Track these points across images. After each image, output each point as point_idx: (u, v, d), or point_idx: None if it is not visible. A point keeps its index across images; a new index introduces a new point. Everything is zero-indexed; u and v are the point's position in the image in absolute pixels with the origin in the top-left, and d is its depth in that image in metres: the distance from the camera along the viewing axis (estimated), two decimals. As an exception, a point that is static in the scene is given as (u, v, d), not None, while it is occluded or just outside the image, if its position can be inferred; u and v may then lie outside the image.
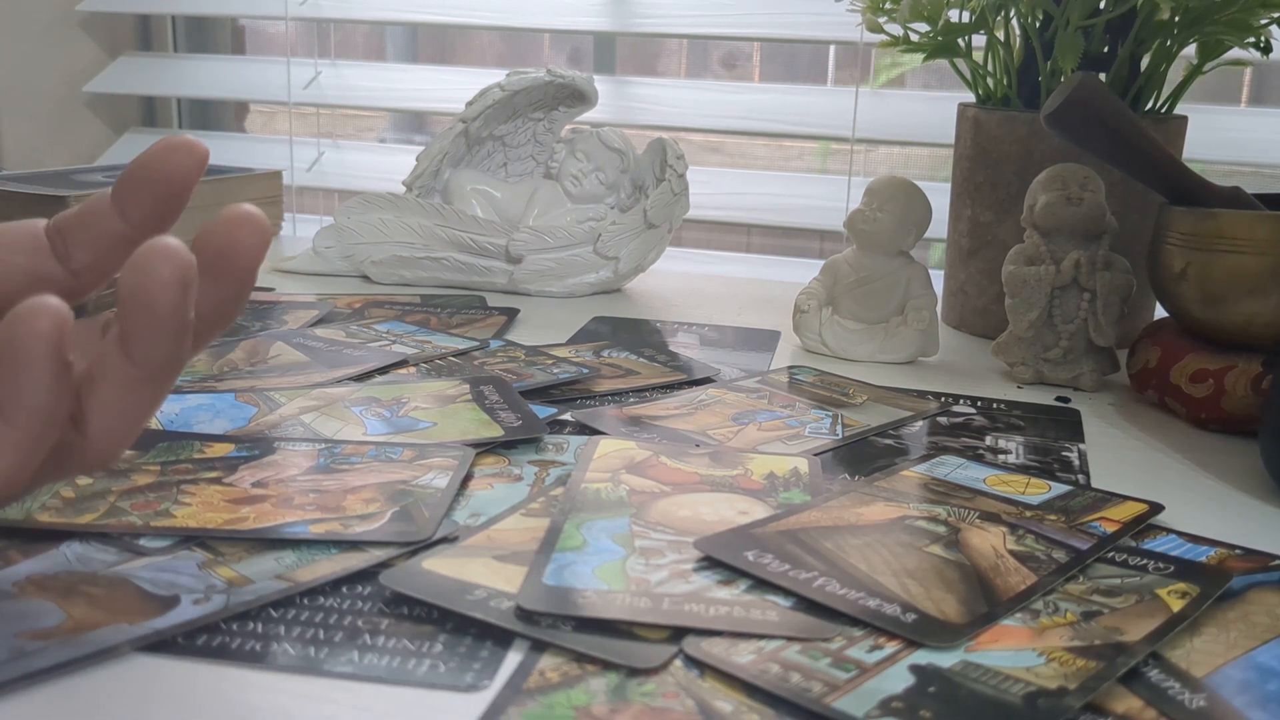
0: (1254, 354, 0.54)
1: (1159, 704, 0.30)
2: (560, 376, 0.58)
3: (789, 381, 0.60)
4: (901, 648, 0.32)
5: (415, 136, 1.51)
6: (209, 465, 0.43)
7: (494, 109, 0.80)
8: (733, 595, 0.35)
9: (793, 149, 1.34)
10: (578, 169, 0.81)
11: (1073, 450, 0.51)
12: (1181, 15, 0.65)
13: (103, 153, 1.26)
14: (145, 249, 0.27)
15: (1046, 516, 0.42)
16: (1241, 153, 0.94)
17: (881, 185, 0.65)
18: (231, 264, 0.29)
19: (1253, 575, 0.38)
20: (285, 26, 1.20)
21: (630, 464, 0.45)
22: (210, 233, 0.29)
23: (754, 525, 0.39)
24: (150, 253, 0.27)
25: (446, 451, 0.46)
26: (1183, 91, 0.70)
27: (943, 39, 0.71)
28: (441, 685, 0.30)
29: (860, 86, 1.02)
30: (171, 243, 0.27)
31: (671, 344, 0.67)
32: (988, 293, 0.72)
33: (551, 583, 0.35)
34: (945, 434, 0.53)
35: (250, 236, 0.29)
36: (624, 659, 0.31)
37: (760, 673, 0.31)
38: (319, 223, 1.16)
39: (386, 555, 0.37)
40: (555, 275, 0.78)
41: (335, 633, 0.33)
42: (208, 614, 0.33)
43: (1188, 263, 0.55)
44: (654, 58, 1.43)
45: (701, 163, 1.19)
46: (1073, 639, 0.33)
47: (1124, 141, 0.56)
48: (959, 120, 0.73)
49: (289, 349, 0.60)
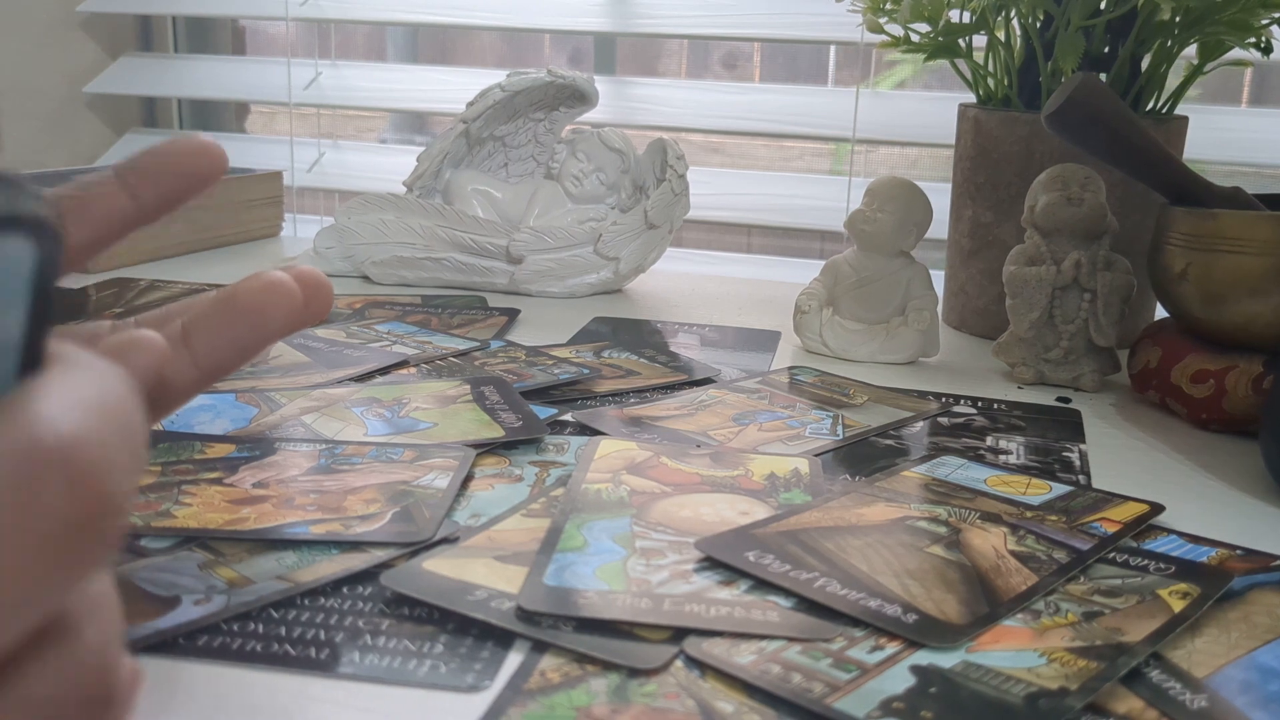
0: (1255, 354, 0.54)
1: (1160, 704, 0.30)
2: (561, 377, 0.58)
3: (789, 382, 0.60)
4: (902, 648, 0.32)
5: (416, 137, 1.51)
6: (210, 466, 0.43)
7: (495, 109, 0.80)
8: (733, 596, 0.35)
9: (793, 149, 1.34)
10: (578, 169, 0.81)
11: (1073, 451, 0.51)
12: (1182, 15, 0.65)
13: (103, 153, 1.26)
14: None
15: (1047, 517, 0.42)
16: (1241, 153, 0.94)
17: (881, 185, 0.65)
18: (258, 327, 0.30)
19: (1254, 576, 0.38)
20: (285, 27, 1.20)
21: (631, 464, 0.45)
22: (244, 291, 0.29)
23: (755, 526, 0.39)
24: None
25: (447, 452, 0.46)
26: (1183, 92, 0.70)
27: (943, 39, 0.71)
28: (442, 686, 0.30)
29: (861, 87, 1.02)
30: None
31: (672, 344, 0.67)
32: (988, 293, 0.72)
33: (552, 583, 0.35)
34: (946, 434, 0.53)
35: (280, 301, 0.29)
36: (625, 659, 0.31)
37: (761, 673, 0.31)
38: (319, 223, 1.16)
39: (387, 556, 0.37)
40: (556, 275, 0.78)
41: (336, 633, 0.33)
42: (208, 614, 0.33)
43: (1188, 263, 0.55)
44: (654, 58, 1.43)
45: (702, 163, 1.19)
46: (1074, 639, 0.33)
47: (1124, 141, 0.56)
48: (959, 120, 0.73)
49: (290, 349, 0.60)
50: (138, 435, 0.16)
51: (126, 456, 0.16)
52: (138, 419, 0.17)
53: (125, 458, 0.16)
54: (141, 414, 0.17)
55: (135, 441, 0.16)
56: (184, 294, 0.75)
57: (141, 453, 0.16)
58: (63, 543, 0.15)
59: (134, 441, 0.16)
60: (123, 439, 0.16)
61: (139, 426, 0.17)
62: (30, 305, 0.15)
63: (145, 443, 0.17)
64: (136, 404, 0.17)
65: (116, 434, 0.16)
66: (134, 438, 0.16)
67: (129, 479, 0.16)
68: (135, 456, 0.16)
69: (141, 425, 0.17)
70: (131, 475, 0.16)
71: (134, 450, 0.16)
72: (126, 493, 0.16)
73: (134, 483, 0.16)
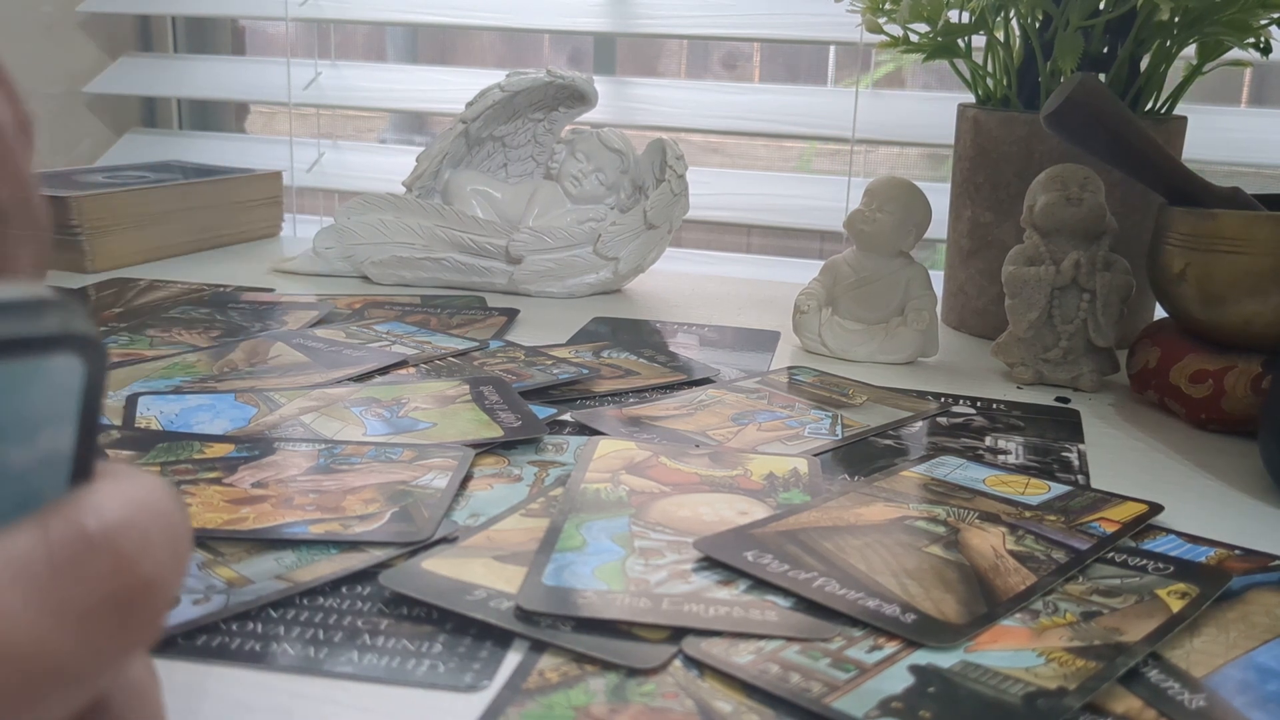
0: (1254, 354, 0.54)
1: (1159, 704, 0.30)
2: (560, 377, 0.58)
3: (789, 382, 0.60)
4: (901, 648, 0.32)
5: (415, 137, 1.51)
6: (209, 465, 0.43)
7: (494, 109, 0.80)
8: (732, 595, 0.35)
9: (793, 149, 1.34)
10: (578, 169, 0.81)
11: (1072, 451, 0.51)
12: (1181, 16, 0.65)
13: (103, 153, 1.26)
14: None
15: (1046, 517, 0.42)
16: (1241, 153, 0.94)
17: (881, 185, 0.65)
18: None
19: (1252, 575, 0.38)
20: (285, 27, 1.20)
21: (630, 464, 0.45)
22: None
23: (753, 525, 0.39)
24: None
25: (446, 452, 0.46)
26: (1182, 92, 0.70)
27: (942, 39, 0.71)
28: (441, 685, 0.30)
29: (859, 86, 1.02)
30: None
31: (671, 344, 0.67)
32: (987, 293, 0.72)
33: (551, 583, 0.35)
34: (945, 434, 0.53)
35: None
36: (623, 659, 0.31)
37: (760, 673, 0.31)
38: (319, 223, 1.17)
39: (386, 555, 0.37)
40: (555, 276, 0.78)
41: (335, 633, 0.33)
42: (208, 614, 0.33)
43: (1187, 263, 0.55)
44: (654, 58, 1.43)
45: (701, 163, 1.19)
46: (1072, 639, 0.33)
47: (1124, 142, 0.56)
48: (959, 121, 0.73)
49: (289, 349, 0.60)
50: (180, 532, 0.18)
51: (169, 548, 0.17)
52: (180, 519, 0.18)
53: (168, 549, 0.17)
54: (185, 516, 0.18)
55: (178, 536, 0.18)
56: (183, 294, 0.75)
57: (184, 550, 0.18)
58: (107, 621, 0.16)
59: (176, 536, 0.17)
60: (165, 533, 0.17)
61: (182, 525, 0.18)
62: (79, 418, 0.16)
63: (189, 542, 0.18)
64: (180, 507, 0.18)
65: (159, 527, 0.17)
66: (176, 533, 0.18)
67: (171, 569, 0.17)
68: (178, 551, 0.17)
69: (184, 526, 0.18)
70: (174, 567, 0.17)
71: (176, 545, 0.17)
72: (169, 581, 0.17)
73: (177, 576, 0.17)
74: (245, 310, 0.70)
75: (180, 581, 0.18)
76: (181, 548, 0.18)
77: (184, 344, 0.62)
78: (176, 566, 0.18)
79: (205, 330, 0.65)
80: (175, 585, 0.18)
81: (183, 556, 0.18)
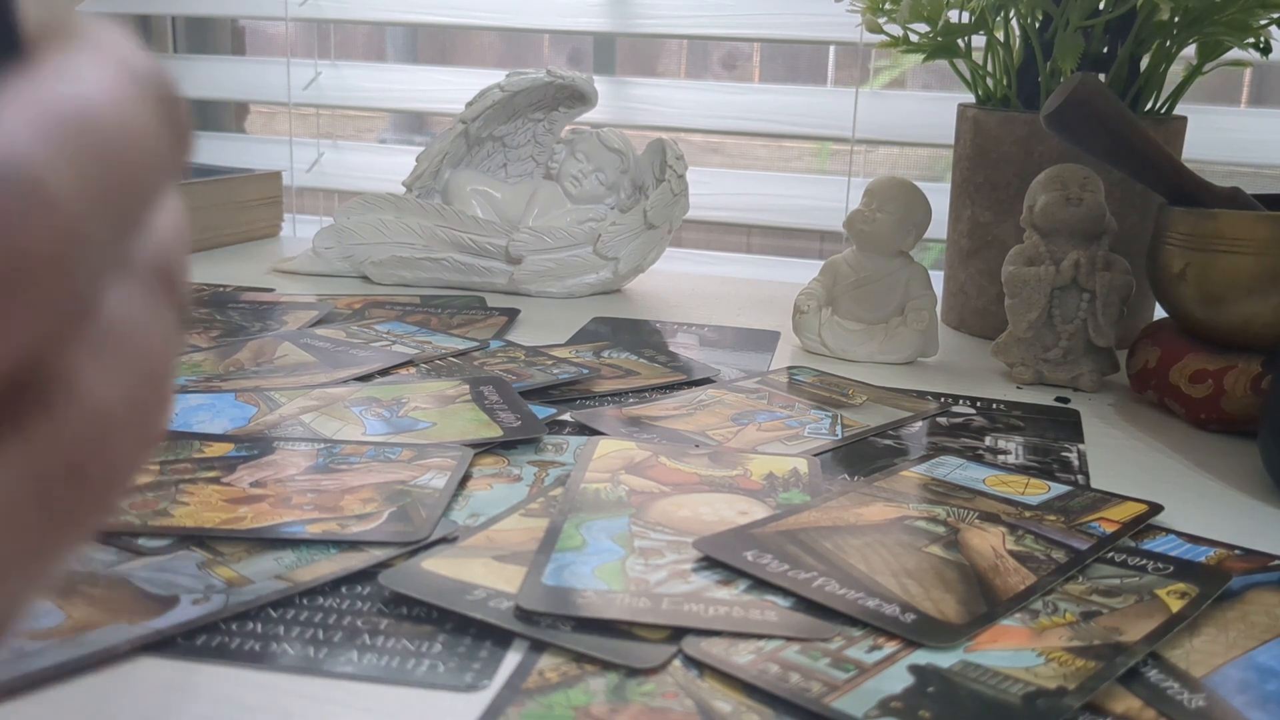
0: (1253, 354, 0.54)
1: (1158, 704, 0.30)
2: (560, 377, 0.58)
3: (789, 382, 0.60)
4: (900, 648, 0.32)
5: (415, 137, 1.51)
6: (208, 465, 0.43)
7: (494, 109, 0.80)
8: (732, 595, 0.35)
9: (793, 149, 1.34)
10: (577, 169, 0.81)
11: (1072, 450, 0.51)
12: (1181, 16, 0.65)
13: (103, 153, 1.26)
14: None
15: (1046, 517, 0.42)
16: (1241, 153, 0.94)
17: (881, 185, 0.65)
18: None
19: (1252, 575, 0.38)
20: (285, 27, 1.20)
21: (630, 464, 0.45)
22: None
23: (753, 525, 0.39)
24: None
25: (445, 452, 0.46)
26: (1182, 92, 0.70)
27: (942, 39, 0.71)
28: (441, 685, 0.30)
29: (860, 87, 1.02)
30: None
31: (671, 344, 0.67)
32: (987, 293, 0.72)
33: (551, 583, 0.35)
34: (945, 434, 0.53)
35: None
36: (623, 659, 0.31)
37: (759, 673, 0.31)
38: (319, 223, 1.16)
39: (386, 555, 0.37)
40: (555, 276, 0.78)
41: (335, 633, 0.33)
42: (207, 614, 0.33)
43: (1187, 263, 0.55)
44: (654, 58, 1.43)
45: (701, 163, 1.19)
46: (1072, 639, 0.33)
47: (1123, 142, 0.56)
48: (959, 120, 0.73)
49: (296, 349, 0.60)
50: (142, 164, 0.12)
51: (100, 194, 0.11)
52: (150, 137, 0.12)
53: (96, 197, 0.11)
54: (169, 127, 0.12)
55: (132, 177, 0.12)
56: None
57: (137, 194, 0.12)
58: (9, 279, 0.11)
59: (128, 178, 0.12)
60: (101, 169, 0.12)
61: (153, 154, 0.12)
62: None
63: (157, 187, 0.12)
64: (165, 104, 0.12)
65: (93, 159, 0.11)
66: (130, 173, 0.12)
67: (93, 228, 0.11)
68: (124, 205, 0.12)
69: (157, 155, 0.12)
70: (99, 227, 0.12)
71: (124, 192, 0.12)
72: (81, 257, 0.11)
73: (104, 242, 0.12)
74: (245, 310, 0.70)
75: (115, 242, 0.12)
76: (138, 188, 0.12)
77: (184, 344, 0.62)
78: (109, 225, 0.11)
79: (205, 330, 0.65)
80: (99, 260, 0.11)
81: (132, 204, 0.12)
